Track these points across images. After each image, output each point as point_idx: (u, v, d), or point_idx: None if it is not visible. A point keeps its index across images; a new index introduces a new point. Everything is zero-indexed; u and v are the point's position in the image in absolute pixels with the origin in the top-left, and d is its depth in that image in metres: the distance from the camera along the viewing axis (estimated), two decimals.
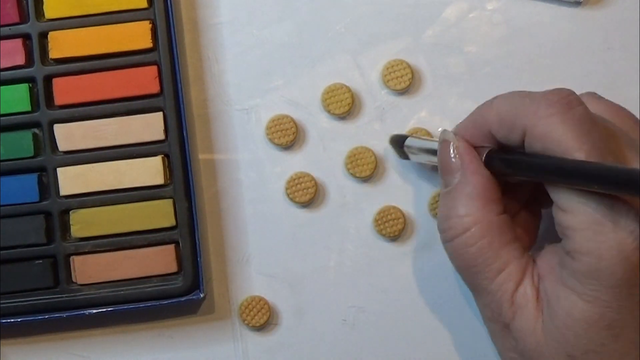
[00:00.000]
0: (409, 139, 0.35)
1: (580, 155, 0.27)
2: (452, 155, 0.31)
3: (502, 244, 0.30)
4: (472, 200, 0.30)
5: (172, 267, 0.36)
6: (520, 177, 0.31)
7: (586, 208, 0.27)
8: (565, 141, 0.27)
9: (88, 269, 0.36)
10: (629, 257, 0.26)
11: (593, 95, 0.32)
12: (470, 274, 0.31)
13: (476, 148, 0.32)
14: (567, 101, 0.28)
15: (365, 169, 0.37)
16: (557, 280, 0.29)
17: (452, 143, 0.32)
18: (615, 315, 0.27)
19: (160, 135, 0.36)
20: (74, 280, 0.36)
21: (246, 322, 0.37)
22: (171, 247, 0.36)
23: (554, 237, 0.30)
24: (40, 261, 0.36)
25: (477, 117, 0.32)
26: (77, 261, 0.36)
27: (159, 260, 0.36)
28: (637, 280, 0.27)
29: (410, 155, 0.35)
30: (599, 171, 0.26)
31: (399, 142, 0.36)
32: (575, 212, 0.27)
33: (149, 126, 0.36)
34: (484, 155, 0.31)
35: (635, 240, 0.26)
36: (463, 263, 0.31)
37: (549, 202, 0.29)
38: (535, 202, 0.34)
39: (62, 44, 0.36)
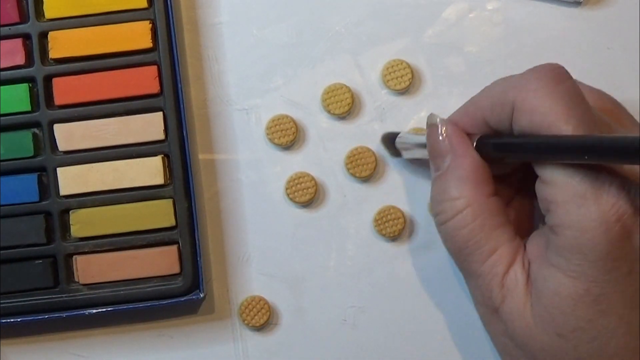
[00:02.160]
0: (400, 135, 0.35)
1: (568, 129, 0.27)
2: (441, 139, 0.31)
3: (494, 226, 0.30)
4: (463, 182, 0.31)
5: (175, 269, 0.36)
6: (511, 159, 0.31)
7: (569, 180, 0.27)
8: (552, 114, 0.27)
9: (91, 269, 0.36)
10: (611, 230, 0.26)
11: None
12: (462, 256, 0.31)
13: (467, 135, 0.32)
14: (555, 74, 0.28)
15: (365, 169, 0.37)
16: (544, 261, 0.29)
17: (440, 126, 0.32)
18: (600, 290, 0.27)
19: (160, 135, 0.36)
20: (76, 279, 0.36)
21: (246, 322, 0.37)
22: (174, 248, 0.36)
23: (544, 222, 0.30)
24: (40, 261, 0.36)
25: (469, 106, 0.32)
26: (80, 261, 0.36)
27: (161, 262, 0.36)
28: (621, 253, 0.27)
29: (403, 152, 0.36)
30: (588, 143, 0.26)
31: (390, 140, 0.36)
32: (558, 185, 0.28)
33: (148, 126, 0.36)
34: (475, 141, 0.31)
35: (617, 212, 0.26)
36: (455, 246, 0.31)
37: None
38: (529, 189, 0.34)
39: (62, 43, 0.36)
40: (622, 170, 0.27)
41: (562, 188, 0.27)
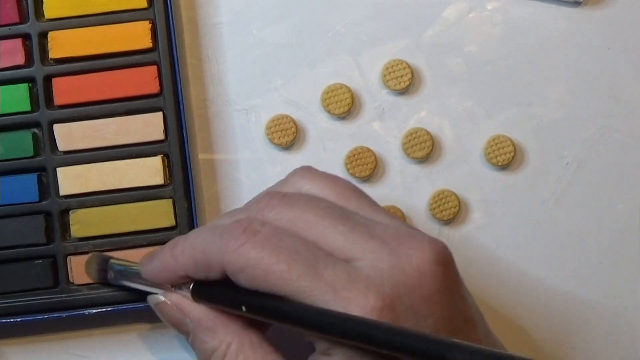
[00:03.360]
0: (112, 262, 0.34)
1: (283, 267, 0.27)
2: (173, 311, 0.31)
3: (259, 358, 0.30)
4: (213, 330, 0.30)
5: None
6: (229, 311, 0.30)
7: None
8: (261, 262, 0.27)
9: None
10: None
11: (306, 170, 0.32)
12: None
13: (176, 280, 0.31)
14: (250, 229, 0.28)
15: (365, 169, 0.37)
16: None
17: (167, 302, 0.31)
18: None
19: (160, 135, 0.36)
20: (70, 280, 0.36)
21: None
22: None
23: None
24: (40, 261, 0.36)
25: (168, 261, 0.31)
26: (73, 261, 0.36)
27: None
28: None
29: (119, 279, 0.34)
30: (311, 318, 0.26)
31: (100, 263, 0.35)
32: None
33: (148, 126, 0.36)
34: (190, 290, 0.31)
35: (372, 310, 0.26)
36: None
37: None
38: None
39: (61, 43, 0.36)
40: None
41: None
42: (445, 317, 0.27)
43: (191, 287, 0.31)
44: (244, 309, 0.29)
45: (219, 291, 0.30)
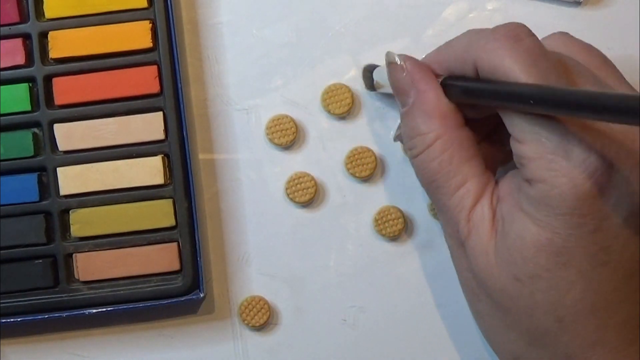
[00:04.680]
0: (378, 68, 0.36)
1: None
2: (404, 75, 0.32)
3: (463, 159, 0.31)
4: (430, 116, 0.31)
5: (175, 265, 0.36)
6: (478, 103, 0.31)
7: (539, 138, 0.27)
8: (512, 71, 0.28)
9: (90, 266, 0.36)
10: (579, 186, 0.27)
11: (565, 34, 0.32)
12: (432, 189, 0.31)
13: (435, 76, 0.32)
14: (514, 34, 0.29)
15: (365, 169, 0.37)
16: (515, 204, 0.29)
17: (400, 62, 0.32)
18: (563, 242, 0.27)
19: (160, 135, 0.36)
20: (76, 277, 0.36)
21: (246, 322, 0.37)
22: (174, 245, 0.36)
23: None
24: (40, 261, 0.36)
25: (436, 55, 0.32)
26: (79, 258, 0.36)
27: (161, 258, 0.36)
28: (589, 210, 0.27)
29: (378, 87, 0.36)
30: (554, 95, 0.26)
31: (369, 72, 0.36)
32: (529, 142, 0.28)
33: (149, 126, 0.36)
34: (440, 81, 0.31)
35: (586, 169, 0.27)
36: (425, 179, 0.31)
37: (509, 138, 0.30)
38: (497, 137, 0.34)
39: (62, 43, 0.36)
40: (597, 126, 0.27)
41: (532, 145, 0.28)
42: None
43: (442, 79, 0.31)
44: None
45: (467, 82, 0.30)
